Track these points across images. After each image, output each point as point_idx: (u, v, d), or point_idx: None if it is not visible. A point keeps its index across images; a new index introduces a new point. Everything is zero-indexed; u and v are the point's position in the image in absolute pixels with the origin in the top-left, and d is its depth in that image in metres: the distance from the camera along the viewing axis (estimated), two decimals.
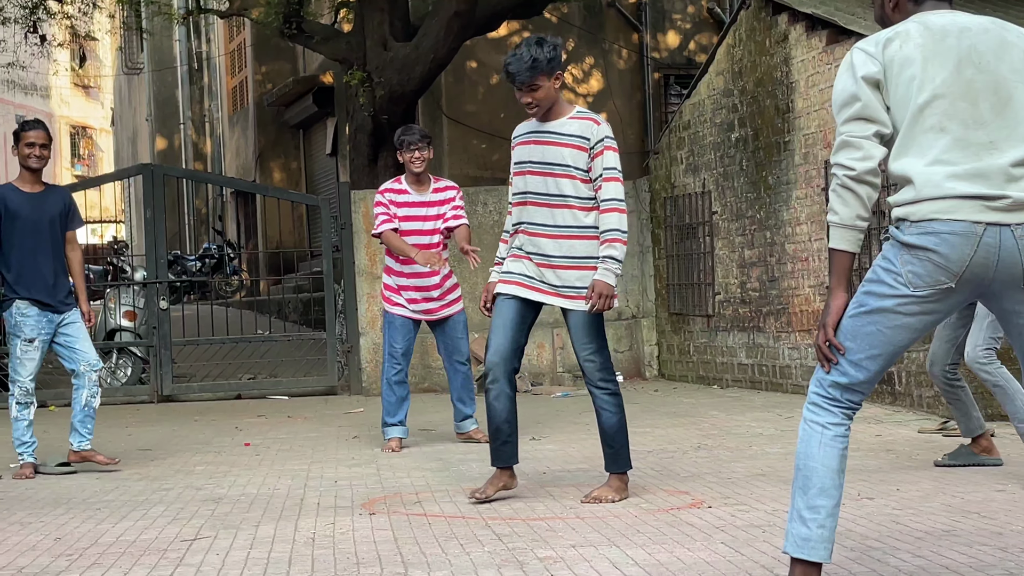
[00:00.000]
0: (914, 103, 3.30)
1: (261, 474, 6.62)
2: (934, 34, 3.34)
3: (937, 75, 3.30)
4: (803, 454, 3.43)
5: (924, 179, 3.26)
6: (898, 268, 3.29)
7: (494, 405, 5.43)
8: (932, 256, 3.24)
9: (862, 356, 3.36)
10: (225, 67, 27.28)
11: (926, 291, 3.27)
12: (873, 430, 7.56)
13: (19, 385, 6.68)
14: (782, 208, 10.04)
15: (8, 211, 6.64)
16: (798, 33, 9.76)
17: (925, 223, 3.25)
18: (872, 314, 3.33)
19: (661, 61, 17.43)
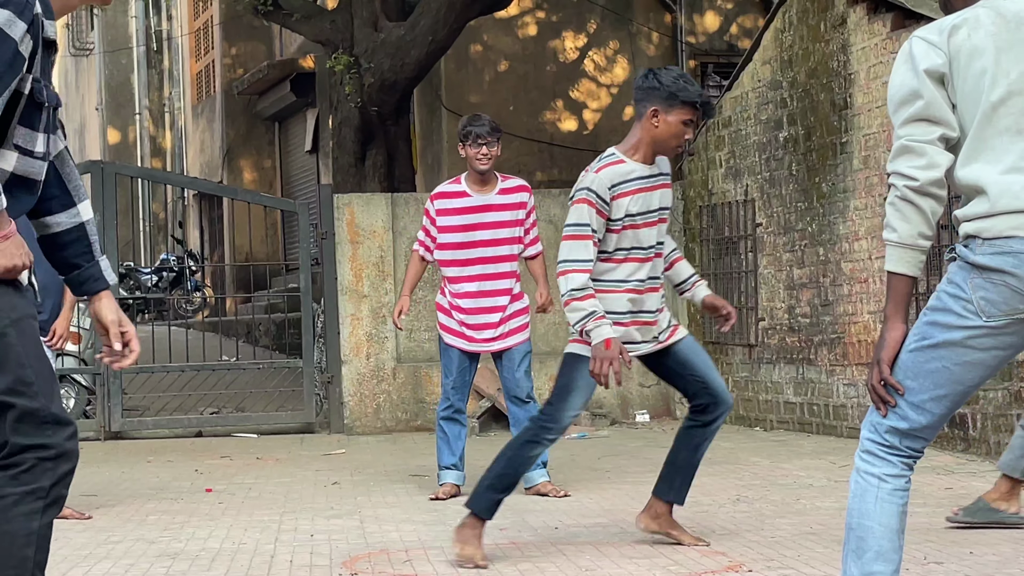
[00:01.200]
0: (986, 100, 3.28)
1: (225, 525, 6.62)
2: (1008, 22, 3.33)
3: (1013, 69, 3.29)
4: (856, 511, 3.41)
5: (1000, 189, 3.25)
6: (968, 294, 3.27)
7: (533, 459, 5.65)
8: (1009, 279, 3.22)
9: (925, 397, 3.34)
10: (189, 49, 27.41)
11: (1002, 320, 3.25)
12: (943, 482, 7.54)
13: None
14: (838, 220, 10.05)
15: None
16: (858, 16, 9.79)
17: (1001, 241, 3.23)
18: (937, 348, 3.31)
19: (698, 47, 17.48)
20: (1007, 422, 8.19)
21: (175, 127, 29.55)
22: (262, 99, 22.96)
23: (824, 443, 9.73)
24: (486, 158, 7.35)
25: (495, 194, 7.44)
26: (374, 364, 11.54)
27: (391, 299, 11.63)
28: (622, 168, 5.54)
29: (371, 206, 11.72)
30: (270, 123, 23.88)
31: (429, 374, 11.56)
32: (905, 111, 3.33)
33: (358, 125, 13.95)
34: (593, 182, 5.47)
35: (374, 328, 11.58)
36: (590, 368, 5.34)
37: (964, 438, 8.64)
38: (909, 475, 3.42)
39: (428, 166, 16.97)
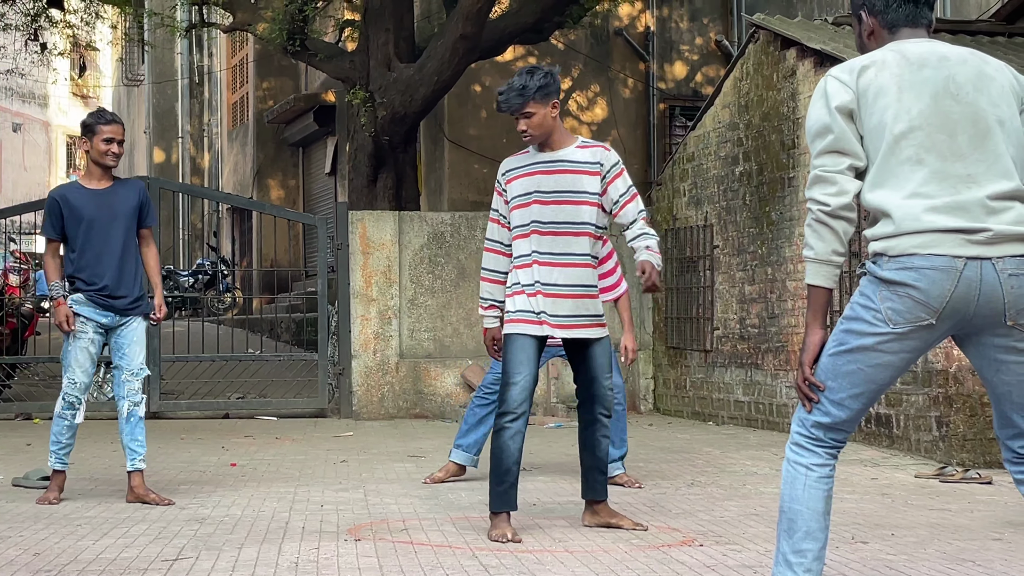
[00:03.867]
0: (890, 133, 3.28)
1: (246, 495, 6.59)
2: (911, 63, 3.33)
3: (914, 106, 3.29)
4: (788, 496, 3.41)
5: (902, 213, 3.25)
6: (877, 305, 3.27)
7: (509, 445, 5.26)
8: (912, 292, 3.22)
9: (844, 395, 3.35)
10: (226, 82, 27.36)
11: (906, 328, 3.25)
12: (869, 473, 7.54)
13: (69, 377, 6.24)
14: (784, 244, 10.05)
15: (72, 210, 6.29)
16: (806, 68, 9.80)
17: (904, 258, 3.23)
18: (852, 352, 3.31)
19: (667, 92, 17.50)
20: (926, 422, 8.19)
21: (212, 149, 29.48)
22: (288, 127, 22.93)
23: (768, 437, 9.73)
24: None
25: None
26: (380, 359, 11.52)
27: (396, 303, 11.62)
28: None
29: (381, 222, 11.71)
30: (295, 148, 23.83)
31: (427, 368, 11.54)
32: (819, 143, 3.35)
33: (371, 152, 13.93)
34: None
35: (381, 327, 11.56)
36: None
37: (889, 435, 8.64)
38: (834, 464, 3.42)
39: (431, 189, 16.95)
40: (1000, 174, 3.26)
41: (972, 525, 5.71)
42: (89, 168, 6.48)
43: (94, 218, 6.33)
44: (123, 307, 6.35)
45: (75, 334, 6.25)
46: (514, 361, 5.27)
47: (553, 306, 5.31)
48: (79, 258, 6.31)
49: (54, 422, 6.31)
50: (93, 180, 6.44)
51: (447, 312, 11.77)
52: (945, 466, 7.64)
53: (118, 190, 6.46)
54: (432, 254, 11.80)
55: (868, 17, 3.47)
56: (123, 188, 6.50)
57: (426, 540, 5.27)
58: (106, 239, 6.34)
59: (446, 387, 11.56)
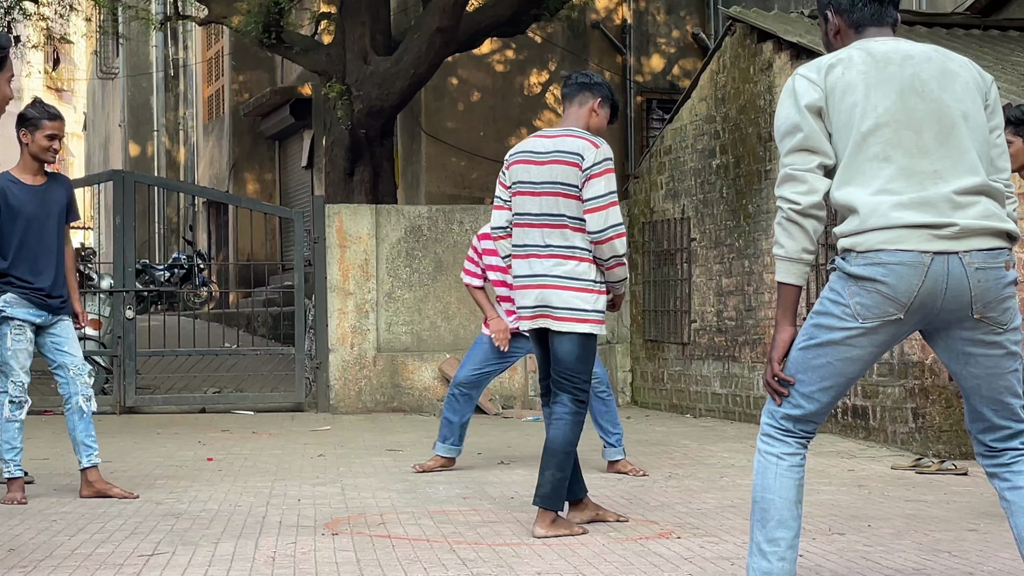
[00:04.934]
0: (857, 131, 3.31)
1: (223, 490, 6.58)
2: (877, 61, 3.35)
3: (880, 103, 3.31)
4: (760, 486, 3.43)
5: (869, 209, 3.27)
6: (846, 300, 3.30)
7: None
8: (880, 287, 3.25)
9: (814, 388, 3.38)
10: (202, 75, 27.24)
11: (874, 322, 3.28)
12: (846, 464, 7.57)
13: (13, 380, 6.13)
14: (761, 237, 10.07)
15: (9, 206, 6.12)
16: (783, 61, 9.82)
17: (872, 253, 3.26)
18: (822, 347, 3.34)
19: (644, 85, 17.51)
20: (902, 414, 8.23)
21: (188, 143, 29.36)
22: (264, 120, 22.85)
23: (745, 429, 9.76)
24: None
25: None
26: (357, 353, 11.50)
27: (373, 296, 11.60)
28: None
29: (358, 216, 11.68)
30: (271, 142, 23.76)
31: (405, 362, 11.53)
32: (788, 142, 3.37)
33: (348, 145, 13.90)
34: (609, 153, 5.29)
35: (358, 321, 11.53)
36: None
37: (865, 427, 8.68)
38: (804, 453, 3.45)
39: (408, 182, 16.93)
40: (966, 170, 3.29)
41: (948, 516, 5.74)
42: (24, 161, 6.24)
43: (32, 215, 6.17)
44: (57, 306, 6.23)
45: (13, 337, 6.09)
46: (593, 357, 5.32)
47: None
48: (15, 256, 6.11)
49: (3, 428, 6.11)
50: (28, 175, 6.25)
51: (424, 306, 11.76)
52: (921, 457, 7.68)
53: (52, 186, 6.31)
54: (409, 247, 11.79)
55: (834, 16, 3.50)
56: (56, 184, 6.35)
57: (404, 534, 5.27)
58: (43, 237, 6.19)
59: (424, 381, 11.55)
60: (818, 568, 4.54)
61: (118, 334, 11.45)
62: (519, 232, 5.32)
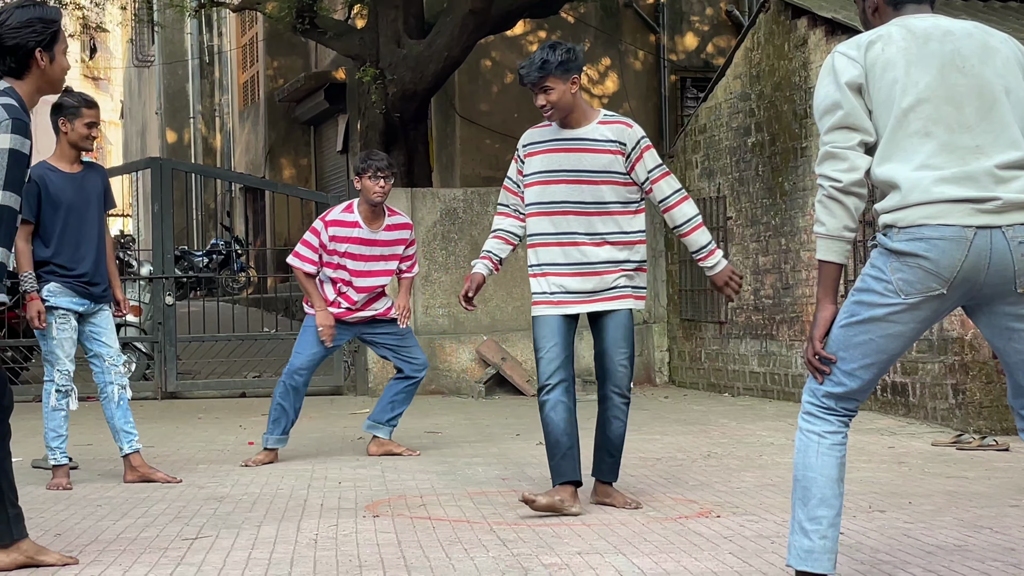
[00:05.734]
0: (898, 107, 3.30)
1: (264, 474, 6.63)
2: (917, 37, 3.35)
3: (921, 79, 3.30)
4: (801, 465, 3.43)
5: (911, 184, 3.26)
6: (888, 276, 3.28)
7: (551, 416, 5.28)
8: (922, 262, 3.24)
9: (855, 366, 3.37)
10: (236, 61, 27.34)
11: (917, 298, 3.27)
12: (886, 442, 7.54)
13: (59, 369, 6.13)
14: (797, 215, 10.03)
15: (49, 195, 6.14)
16: (817, 37, 9.75)
17: (914, 228, 3.25)
18: (864, 323, 3.33)
19: (678, 63, 17.43)
20: (942, 390, 8.18)
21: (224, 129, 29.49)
22: (299, 106, 22.92)
23: (784, 408, 9.73)
24: (383, 192, 7.04)
25: (382, 230, 7.11)
26: None
27: None
28: None
29: (393, 199, 11.67)
30: (306, 127, 23.83)
31: (442, 344, 11.55)
32: (829, 119, 3.35)
33: (382, 129, 13.92)
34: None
35: None
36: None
37: (905, 404, 8.63)
38: (845, 431, 3.45)
39: (443, 165, 16.94)
40: (1008, 144, 3.27)
41: (989, 492, 5.71)
42: (62, 150, 6.27)
43: (72, 203, 6.19)
44: (99, 294, 6.26)
45: (57, 327, 6.11)
46: (540, 336, 5.30)
47: (574, 284, 5.29)
48: (57, 244, 6.14)
49: (50, 417, 6.16)
50: (65, 163, 6.27)
51: (460, 288, 11.75)
52: (962, 434, 7.64)
53: (89, 174, 6.35)
54: (445, 230, 11.80)
55: None
56: (92, 172, 6.39)
57: (444, 515, 5.30)
58: (83, 225, 6.22)
59: (461, 363, 11.58)
60: (859, 545, 4.53)
61: (158, 320, 11.54)
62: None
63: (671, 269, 12.11)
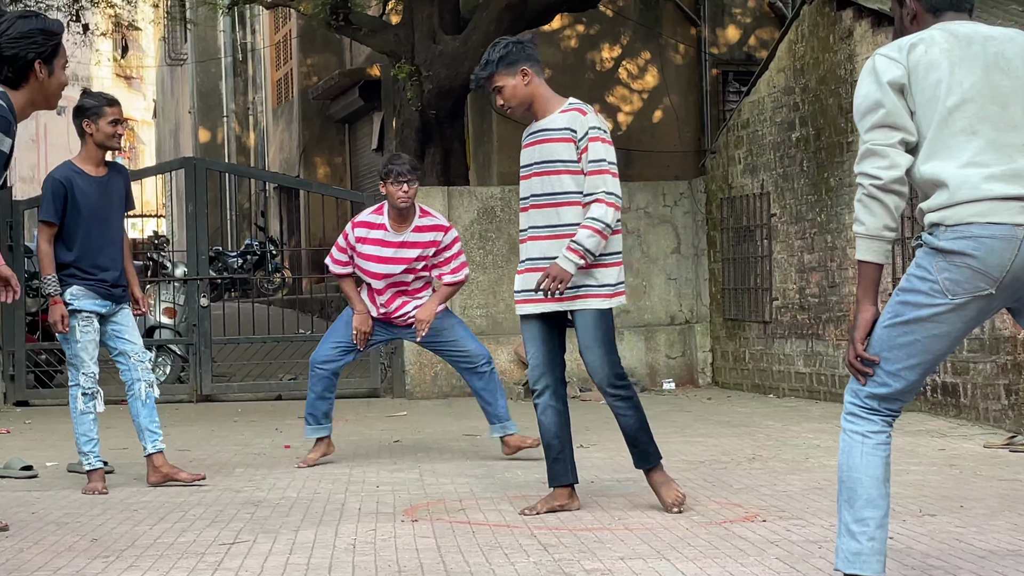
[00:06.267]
0: (943, 106, 3.31)
1: (301, 478, 6.66)
2: (959, 40, 3.38)
3: (965, 79, 3.32)
4: (846, 466, 3.43)
5: (959, 181, 3.27)
6: (934, 276, 3.28)
7: (541, 420, 5.39)
8: (970, 261, 3.23)
9: (900, 366, 3.37)
10: (270, 59, 27.49)
11: (964, 298, 3.27)
12: (936, 444, 7.49)
13: (84, 372, 6.17)
14: (843, 211, 9.98)
15: (74, 199, 6.17)
16: (863, 29, 9.70)
17: (962, 227, 3.25)
18: (908, 324, 3.33)
19: (719, 57, 17.37)
20: (994, 390, 8.12)
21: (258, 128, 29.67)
22: (334, 103, 23.02)
23: (830, 409, 9.68)
24: (407, 197, 6.94)
25: (410, 231, 7.00)
26: None
27: None
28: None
29: (429, 198, 11.73)
30: (341, 125, 23.93)
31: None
32: (870, 118, 3.37)
33: (418, 127, 13.96)
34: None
35: None
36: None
37: (956, 405, 8.57)
38: (889, 431, 3.46)
39: (480, 163, 16.97)
40: None
41: None
42: (88, 151, 6.29)
43: (96, 207, 6.23)
44: (120, 295, 6.32)
45: (81, 329, 6.15)
46: (525, 340, 5.36)
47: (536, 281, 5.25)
48: (81, 248, 6.18)
49: (79, 421, 6.18)
50: (91, 165, 6.30)
51: (499, 288, 11.79)
52: (1015, 435, 7.57)
53: (113, 176, 6.38)
54: (483, 229, 11.82)
55: (911, 1, 3.49)
56: (116, 174, 6.42)
57: (484, 520, 5.31)
58: (107, 229, 6.27)
59: (499, 364, 11.58)
60: (909, 550, 4.51)
61: (193, 322, 11.62)
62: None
63: (713, 268, 12.08)
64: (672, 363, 12.05)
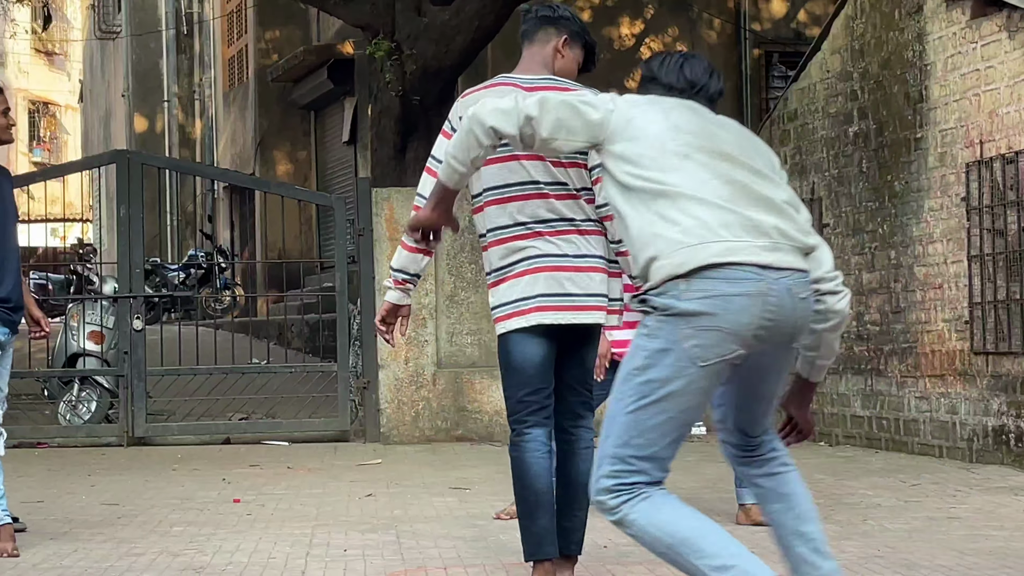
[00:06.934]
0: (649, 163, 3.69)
1: (253, 538, 6.65)
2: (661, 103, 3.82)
3: (675, 136, 3.73)
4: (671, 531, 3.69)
5: (677, 240, 3.60)
6: (679, 345, 3.58)
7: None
8: (718, 322, 3.57)
9: (656, 449, 3.67)
10: (221, 33, 27.55)
11: (715, 362, 3.61)
12: (1021, 504, 7.48)
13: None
14: (911, 222, 9.99)
15: None
16: (935, 3, 9.73)
17: (703, 283, 3.56)
18: (658, 403, 3.63)
19: (762, 35, 17.43)
20: None
21: (205, 115, 29.72)
22: (297, 87, 23.06)
23: (894, 460, 9.67)
24: None
25: None
26: (413, 369, 11.55)
27: (432, 300, 11.65)
28: None
29: (411, 201, 11.70)
30: (305, 112, 23.97)
31: (471, 380, 11.56)
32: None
33: (399, 115, 13.98)
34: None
35: (413, 331, 11.57)
36: None
37: None
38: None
39: None
40: (754, 202, 3.74)
41: None
42: None
43: None
44: (18, 321, 6.22)
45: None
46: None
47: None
48: None
49: None
50: None
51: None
52: None
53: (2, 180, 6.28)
54: (475, 240, 11.81)
55: None
56: (3, 177, 6.33)
57: None
58: (5, 241, 6.16)
59: (494, 402, 11.58)
60: None
61: (124, 349, 11.61)
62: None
63: None
64: None
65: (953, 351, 9.56)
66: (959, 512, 7.15)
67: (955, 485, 8.22)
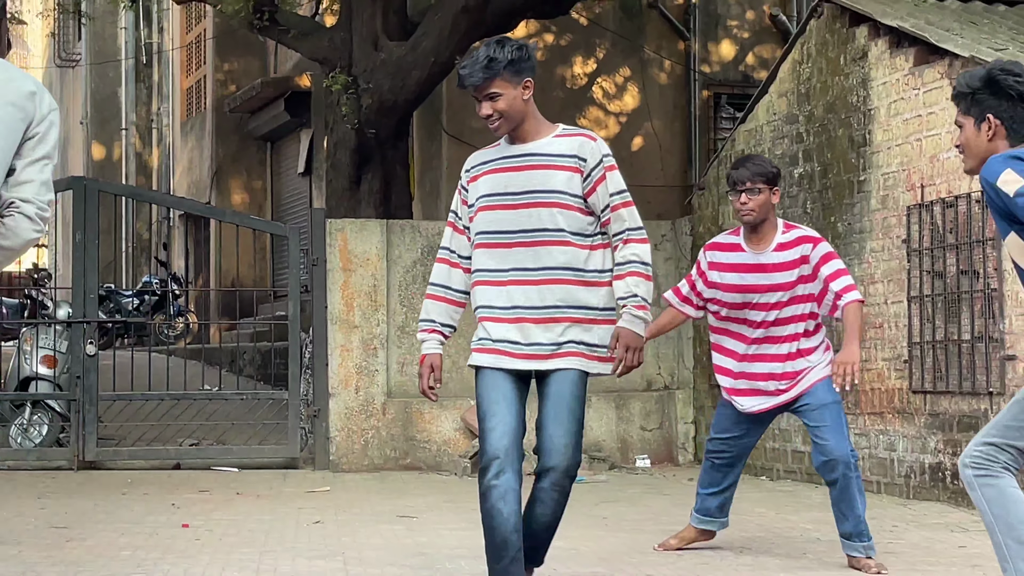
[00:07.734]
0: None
1: (201, 563, 6.60)
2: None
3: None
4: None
5: None
6: None
7: (498, 507, 4.96)
8: None
9: None
10: (180, 63, 27.48)
11: None
12: (957, 540, 7.52)
13: None
14: (853, 262, 10.05)
15: None
16: (880, 50, 9.82)
17: None
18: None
19: (711, 76, 17.54)
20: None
21: (162, 144, 29.60)
22: (254, 117, 23.02)
23: None
24: (747, 209, 6.65)
25: (771, 250, 6.68)
26: (363, 398, 11.53)
27: (383, 330, 11.63)
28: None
29: (365, 232, 11.73)
30: (262, 143, 23.92)
31: (420, 410, 11.54)
32: None
33: (354, 147, 13.97)
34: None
35: (364, 360, 11.57)
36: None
37: None
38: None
39: (426, 192, 17.00)
40: None
41: None
42: None
43: None
44: None
45: None
46: (486, 401, 5.13)
47: (520, 333, 5.12)
48: None
49: None
50: None
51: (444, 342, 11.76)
52: None
53: None
54: (427, 271, 11.82)
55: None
56: None
57: None
58: None
59: (443, 432, 11.56)
60: None
61: (76, 374, 11.52)
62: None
63: (699, 324, 12.12)
64: (648, 436, 12.05)
65: (892, 389, 9.62)
66: (896, 547, 7.18)
67: (892, 521, 8.26)
